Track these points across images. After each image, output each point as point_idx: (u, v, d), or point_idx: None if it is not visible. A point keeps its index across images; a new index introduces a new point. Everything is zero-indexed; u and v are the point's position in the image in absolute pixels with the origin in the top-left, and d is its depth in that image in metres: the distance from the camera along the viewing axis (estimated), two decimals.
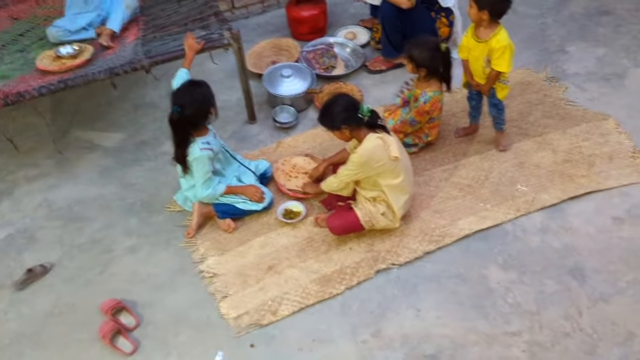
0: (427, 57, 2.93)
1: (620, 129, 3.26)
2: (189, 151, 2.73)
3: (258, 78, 3.79)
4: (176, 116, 2.62)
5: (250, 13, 4.48)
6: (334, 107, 2.61)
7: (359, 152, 2.62)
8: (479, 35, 2.83)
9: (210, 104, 2.73)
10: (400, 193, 2.74)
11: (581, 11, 4.20)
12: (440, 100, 3.08)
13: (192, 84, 2.75)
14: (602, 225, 2.81)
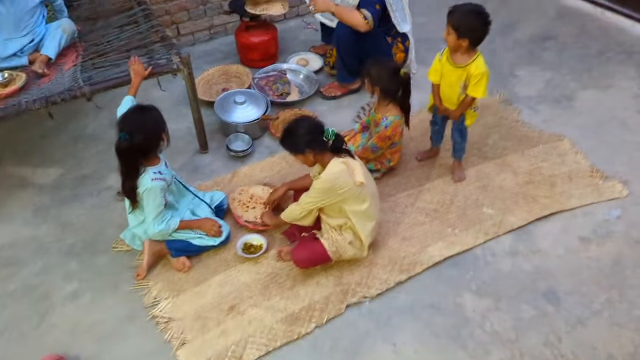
0: (384, 77, 2.86)
1: (575, 149, 3.29)
2: (139, 182, 2.49)
3: (208, 106, 3.60)
4: (124, 144, 2.38)
5: (196, 40, 4.31)
6: (298, 129, 2.46)
7: (322, 177, 2.47)
8: (456, 61, 2.74)
9: (161, 129, 2.51)
10: (367, 220, 2.60)
11: (526, 37, 4.31)
12: (400, 125, 3.00)
13: (140, 108, 2.52)
14: (570, 245, 2.77)
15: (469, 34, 2.62)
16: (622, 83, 3.78)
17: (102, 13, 3.63)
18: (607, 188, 3.04)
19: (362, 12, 3.30)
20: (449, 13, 2.66)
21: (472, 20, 2.61)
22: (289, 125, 2.54)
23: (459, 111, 2.88)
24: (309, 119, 2.63)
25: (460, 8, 2.64)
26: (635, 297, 2.53)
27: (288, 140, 2.51)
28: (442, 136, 3.18)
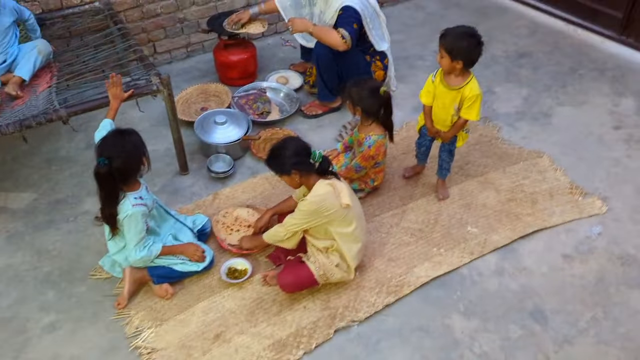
0: (365, 97, 2.85)
1: (555, 165, 3.34)
2: (120, 208, 2.42)
3: (187, 126, 3.54)
4: (103, 169, 2.31)
5: (173, 58, 4.24)
6: (285, 150, 2.43)
7: (308, 199, 2.44)
8: (450, 83, 2.73)
9: (142, 154, 2.44)
10: (353, 242, 2.57)
11: (502, 54, 4.38)
12: (384, 144, 2.99)
13: (119, 132, 2.45)
14: (554, 263, 2.80)
15: (462, 56, 2.62)
16: (597, 99, 3.86)
17: (76, 32, 3.55)
18: (587, 205, 3.08)
19: (339, 32, 3.30)
20: (441, 36, 2.66)
21: (464, 43, 2.61)
22: (275, 145, 2.50)
23: (452, 133, 2.88)
24: (296, 139, 2.61)
25: (452, 31, 2.65)
26: (620, 315, 2.56)
27: (274, 160, 2.48)
28: (428, 155, 3.19)
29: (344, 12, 3.34)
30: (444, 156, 3.03)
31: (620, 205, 3.08)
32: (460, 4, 5.05)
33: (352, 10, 3.34)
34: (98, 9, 3.59)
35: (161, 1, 3.91)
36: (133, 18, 3.88)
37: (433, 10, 4.96)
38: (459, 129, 2.85)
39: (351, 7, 3.34)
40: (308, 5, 3.70)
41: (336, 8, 3.39)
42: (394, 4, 5.01)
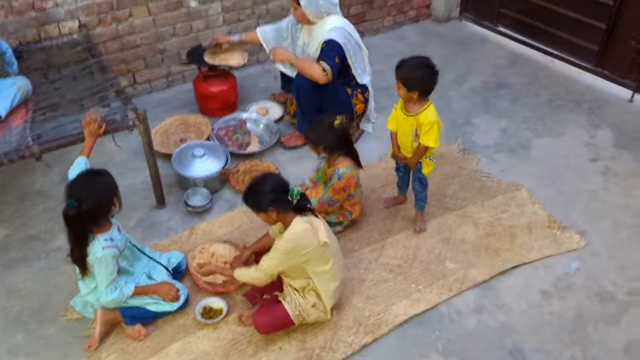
0: (323, 135, 2.86)
1: (533, 199, 3.35)
2: (89, 250, 2.36)
3: (166, 158, 3.50)
4: (72, 211, 2.26)
5: (153, 88, 4.22)
6: (262, 187, 2.40)
7: (285, 237, 2.41)
8: (409, 110, 2.81)
9: (112, 196, 2.40)
10: (331, 280, 2.54)
11: (481, 85, 4.42)
12: (354, 176, 2.96)
13: (90, 173, 2.41)
14: (533, 300, 2.78)
15: (417, 86, 2.69)
16: (574, 131, 3.91)
17: (54, 64, 3.52)
18: (565, 239, 3.09)
19: (321, 64, 3.31)
20: (397, 68, 2.73)
21: (419, 73, 2.68)
22: (253, 182, 2.48)
23: (415, 159, 2.91)
24: (274, 176, 2.58)
25: (406, 63, 2.71)
26: (598, 354, 2.54)
27: (251, 197, 2.44)
28: (408, 183, 3.20)
29: (326, 45, 3.36)
30: (416, 186, 3.05)
31: (598, 240, 3.09)
32: (440, 34, 5.12)
33: (334, 44, 3.36)
34: (77, 41, 3.57)
35: (141, 32, 3.91)
36: (113, 49, 3.87)
37: (414, 41, 5.02)
38: (421, 155, 2.88)
39: (334, 40, 3.36)
40: (290, 38, 3.72)
41: (320, 41, 3.41)
42: (374, 34, 5.05)
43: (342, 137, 2.89)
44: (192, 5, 3.98)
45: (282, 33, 3.71)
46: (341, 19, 3.48)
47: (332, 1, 3.43)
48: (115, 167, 3.55)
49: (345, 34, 3.42)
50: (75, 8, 3.58)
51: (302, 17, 3.44)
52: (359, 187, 3.07)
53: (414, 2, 5.13)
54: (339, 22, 3.44)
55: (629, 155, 3.67)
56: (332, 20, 3.43)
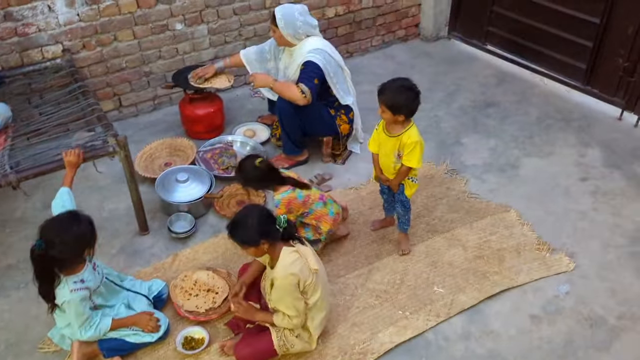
0: (250, 178, 2.81)
1: (522, 220, 3.30)
2: (57, 292, 2.30)
3: (150, 182, 3.46)
4: (37, 252, 2.20)
5: (140, 111, 4.19)
6: (250, 219, 2.29)
7: (286, 272, 2.29)
8: (391, 131, 2.78)
9: (84, 247, 2.28)
10: (317, 310, 2.48)
11: (469, 104, 4.40)
12: (295, 197, 2.86)
13: (68, 218, 2.28)
14: (522, 325, 2.73)
15: (403, 109, 2.67)
16: (564, 150, 3.88)
17: (37, 89, 3.49)
18: (554, 261, 3.04)
19: (299, 87, 3.30)
20: (379, 92, 2.70)
21: (403, 97, 2.66)
22: (238, 216, 2.36)
23: (397, 180, 2.87)
24: (258, 207, 2.47)
25: (389, 87, 2.69)
26: None
27: (239, 231, 2.31)
28: (394, 205, 3.14)
29: (305, 67, 3.35)
30: (399, 208, 3.01)
31: (588, 262, 3.04)
32: (429, 53, 5.11)
33: (313, 66, 3.34)
34: (60, 66, 3.55)
35: (126, 56, 3.89)
36: (97, 73, 3.85)
37: (403, 60, 5.01)
38: (403, 176, 2.84)
39: (313, 62, 3.35)
40: (273, 60, 3.70)
41: (299, 63, 3.39)
42: (363, 54, 5.05)
43: (267, 174, 2.80)
44: (177, 28, 3.97)
45: (265, 55, 3.70)
46: (321, 41, 3.47)
47: (310, 23, 3.42)
48: (100, 191, 3.52)
49: (325, 55, 3.41)
50: (59, 32, 3.56)
51: (280, 39, 3.43)
52: (316, 202, 2.95)
53: (403, 22, 5.13)
54: (318, 43, 3.43)
55: (618, 174, 3.63)
56: (312, 42, 3.42)
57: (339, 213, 3.04)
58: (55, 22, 3.52)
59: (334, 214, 3.00)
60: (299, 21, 3.35)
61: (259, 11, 4.25)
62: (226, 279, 2.90)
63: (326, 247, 3.12)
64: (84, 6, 3.55)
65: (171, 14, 3.89)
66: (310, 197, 2.93)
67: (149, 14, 3.81)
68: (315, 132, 3.65)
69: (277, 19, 3.34)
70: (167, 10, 3.86)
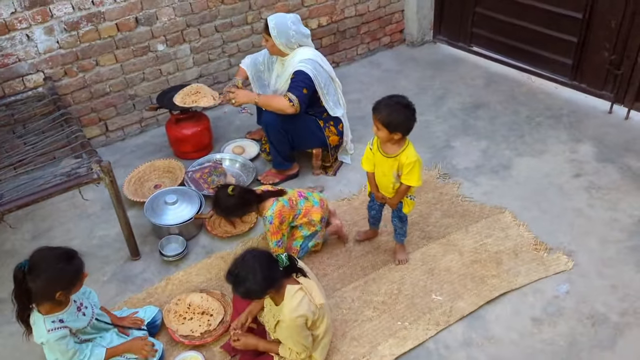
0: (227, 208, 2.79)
1: (517, 221, 3.26)
2: (34, 329, 2.25)
3: (140, 206, 3.42)
4: (20, 274, 2.14)
5: (127, 135, 4.16)
6: (252, 275, 2.15)
7: (288, 317, 2.23)
8: (387, 151, 2.68)
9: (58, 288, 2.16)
10: (323, 338, 2.45)
11: (458, 106, 4.37)
12: (282, 205, 2.84)
13: (62, 255, 2.19)
14: (523, 328, 2.67)
15: (399, 127, 2.57)
16: (555, 147, 3.84)
17: (20, 119, 3.46)
18: (552, 261, 2.99)
19: (287, 95, 3.27)
20: (375, 109, 2.59)
21: (401, 116, 2.56)
22: (240, 270, 2.19)
23: (396, 199, 2.80)
24: (258, 257, 2.23)
25: (385, 103, 2.59)
26: None
27: (244, 288, 2.19)
28: (380, 219, 3.11)
29: (295, 77, 3.33)
30: (396, 222, 2.96)
31: (586, 260, 2.99)
32: (415, 58, 5.10)
33: (303, 75, 3.32)
34: (42, 94, 3.52)
35: (109, 80, 3.86)
36: (81, 99, 3.82)
37: (389, 67, 4.99)
38: (403, 195, 2.77)
39: (303, 72, 3.32)
40: (266, 70, 3.70)
41: (290, 72, 3.37)
42: (349, 63, 5.03)
43: (244, 198, 2.78)
44: (159, 49, 3.95)
45: (259, 65, 3.69)
46: (312, 51, 3.45)
47: (302, 32, 3.40)
48: (89, 218, 3.48)
49: (316, 65, 3.38)
50: (39, 61, 3.53)
51: (273, 48, 3.40)
52: (299, 201, 2.94)
53: (387, 29, 5.12)
54: (309, 54, 3.41)
55: (612, 168, 3.60)
56: (304, 52, 3.40)
57: (322, 199, 3.06)
58: (35, 50, 3.49)
59: (318, 202, 3.02)
60: (292, 30, 3.34)
61: (241, 27, 4.24)
62: (220, 300, 2.85)
63: (321, 262, 3.07)
64: (63, 33, 3.53)
65: (152, 35, 3.87)
66: (292, 199, 2.92)
67: (130, 36, 3.79)
68: (304, 145, 3.62)
69: (270, 27, 3.31)
70: (148, 32, 3.84)
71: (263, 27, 3.40)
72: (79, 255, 2.25)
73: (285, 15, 3.39)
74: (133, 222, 3.13)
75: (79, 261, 2.24)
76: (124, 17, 3.70)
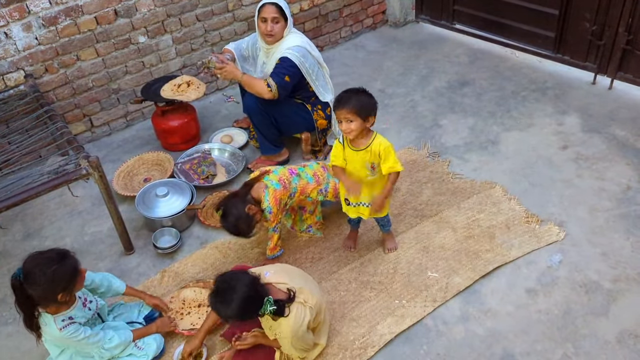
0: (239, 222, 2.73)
1: (508, 195, 3.29)
2: (45, 331, 2.25)
3: (131, 201, 3.39)
4: (17, 283, 2.14)
5: (112, 130, 4.11)
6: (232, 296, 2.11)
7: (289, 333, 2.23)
8: (357, 145, 2.60)
9: (59, 290, 2.16)
10: (322, 325, 2.48)
11: (444, 85, 4.38)
12: (274, 190, 2.78)
13: (54, 257, 2.17)
14: (518, 300, 2.71)
15: (371, 108, 2.51)
16: (542, 120, 3.87)
17: (2, 119, 3.40)
18: (544, 232, 3.03)
19: (266, 81, 3.25)
20: (339, 105, 2.50)
21: (364, 97, 2.52)
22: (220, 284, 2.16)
23: (385, 195, 2.65)
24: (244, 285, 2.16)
25: (345, 96, 2.52)
26: (591, 348, 2.47)
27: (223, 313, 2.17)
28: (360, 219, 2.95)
29: (280, 63, 3.30)
30: (377, 219, 2.89)
31: (577, 229, 3.03)
32: (399, 38, 5.08)
33: (288, 62, 3.29)
34: (24, 92, 3.46)
35: (91, 75, 3.80)
36: (64, 95, 3.76)
37: (373, 49, 4.97)
38: (392, 186, 2.65)
39: (289, 59, 3.29)
40: (251, 57, 3.64)
41: (276, 58, 3.34)
42: (333, 46, 5.00)
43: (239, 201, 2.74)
44: (141, 41, 3.90)
45: (242, 52, 3.62)
46: (301, 38, 3.40)
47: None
48: (80, 215, 3.45)
49: (305, 52, 3.35)
50: (19, 58, 3.47)
51: (279, 33, 3.32)
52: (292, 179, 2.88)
53: (369, 10, 5.09)
54: (298, 40, 3.36)
55: (598, 139, 3.64)
56: (292, 38, 3.36)
57: (315, 173, 2.98)
58: (14, 48, 3.43)
59: (312, 178, 2.96)
60: None
61: (223, 15, 4.19)
62: None
63: (316, 246, 3.09)
64: (41, 29, 3.46)
65: (133, 27, 3.81)
66: (283, 179, 2.85)
67: (110, 29, 3.73)
68: (292, 130, 3.61)
69: (284, 7, 3.26)
70: (128, 24, 3.79)
71: (274, 9, 3.24)
72: (71, 253, 2.24)
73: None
74: (125, 217, 3.10)
75: (73, 260, 2.22)
76: (103, 9, 3.64)
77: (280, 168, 2.96)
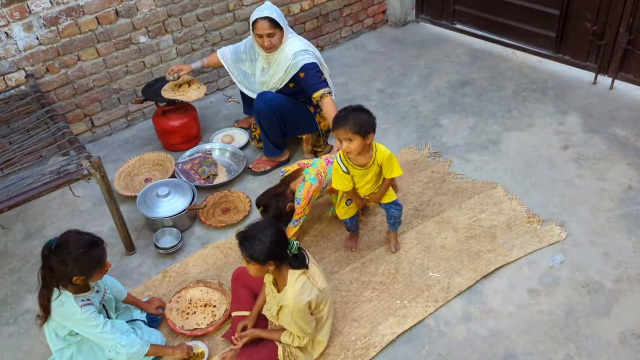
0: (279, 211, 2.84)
1: (509, 195, 3.29)
2: (55, 312, 2.25)
3: (132, 201, 3.39)
4: (46, 250, 2.18)
5: (113, 129, 4.11)
6: (262, 237, 2.19)
7: (292, 302, 2.23)
8: (363, 163, 2.63)
9: (77, 272, 2.19)
10: (325, 322, 2.47)
11: (445, 84, 4.38)
12: (311, 185, 2.87)
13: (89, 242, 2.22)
14: (520, 300, 2.71)
15: (370, 126, 2.51)
16: (542, 120, 3.87)
17: (3, 119, 3.39)
18: (546, 232, 3.03)
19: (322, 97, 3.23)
20: (337, 126, 2.50)
21: (363, 115, 2.51)
22: (252, 229, 2.24)
23: (381, 193, 2.77)
24: (274, 227, 2.27)
25: (342, 115, 2.52)
26: (592, 348, 2.47)
27: (249, 245, 2.19)
28: (358, 222, 3.05)
29: (307, 72, 3.24)
30: (395, 212, 2.88)
31: (579, 229, 3.03)
32: (399, 38, 5.08)
33: (311, 66, 3.25)
34: (25, 92, 3.45)
35: (92, 75, 3.80)
36: (65, 95, 3.75)
37: (373, 49, 4.97)
38: (387, 187, 2.75)
39: (308, 64, 3.24)
40: (249, 61, 3.61)
41: (286, 67, 3.29)
42: (333, 46, 5.00)
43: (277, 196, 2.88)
44: (142, 41, 3.89)
45: (240, 55, 3.61)
46: (300, 41, 3.36)
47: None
48: (81, 215, 3.45)
49: (312, 54, 3.34)
50: (20, 58, 3.46)
51: (279, 42, 3.28)
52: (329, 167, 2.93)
53: (369, 10, 5.09)
54: (301, 44, 3.32)
55: (599, 138, 3.64)
56: (294, 43, 3.31)
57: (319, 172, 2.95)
58: (15, 48, 3.42)
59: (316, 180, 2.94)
60: None
61: (223, 15, 4.18)
62: (219, 290, 2.85)
63: (317, 246, 3.08)
64: (42, 29, 3.46)
65: (133, 27, 3.81)
66: (321, 171, 2.92)
67: (111, 29, 3.72)
68: (296, 131, 3.61)
69: (278, 19, 3.19)
70: (129, 24, 3.78)
71: (267, 23, 3.18)
72: (104, 245, 2.28)
73: (271, 5, 3.28)
74: (126, 217, 3.10)
75: (102, 251, 2.26)
76: (104, 9, 3.63)
77: (318, 160, 3.00)
